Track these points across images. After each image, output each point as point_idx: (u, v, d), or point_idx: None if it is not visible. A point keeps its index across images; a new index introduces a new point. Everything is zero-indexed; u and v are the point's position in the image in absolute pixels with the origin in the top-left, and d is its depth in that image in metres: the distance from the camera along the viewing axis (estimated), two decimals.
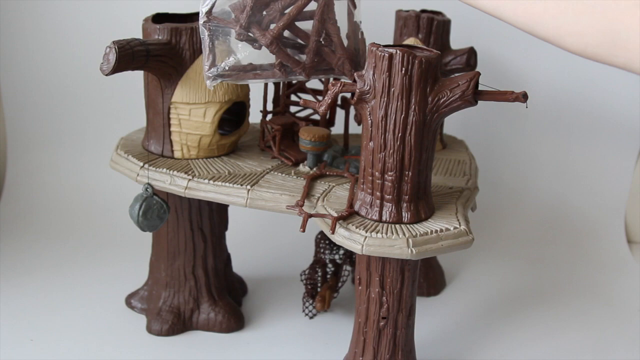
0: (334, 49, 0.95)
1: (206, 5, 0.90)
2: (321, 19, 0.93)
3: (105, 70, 0.93)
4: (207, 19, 0.90)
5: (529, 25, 0.79)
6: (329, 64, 0.95)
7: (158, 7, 1.14)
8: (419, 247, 0.87)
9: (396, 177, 0.88)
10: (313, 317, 1.22)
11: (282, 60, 0.92)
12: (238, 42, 0.92)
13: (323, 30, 0.94)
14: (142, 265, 1.27)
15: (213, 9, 0.90)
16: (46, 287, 1.28)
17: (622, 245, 1.56)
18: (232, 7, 0.91)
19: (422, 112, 0.86)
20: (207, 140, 1.06)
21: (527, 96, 0.84)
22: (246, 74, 0.93)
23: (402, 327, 0.96)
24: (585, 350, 1.17)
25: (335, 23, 0.95)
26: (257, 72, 0.93)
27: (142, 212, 1.03)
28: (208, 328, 1.16)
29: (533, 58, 1.56)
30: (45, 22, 1.57)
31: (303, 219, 0.91)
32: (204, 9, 0.90)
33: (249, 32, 0.90)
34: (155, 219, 1.05)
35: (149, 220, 1.04)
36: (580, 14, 0.75)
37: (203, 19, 0.90)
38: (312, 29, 0.93)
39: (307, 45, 0.94)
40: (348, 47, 0.96)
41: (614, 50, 0.74)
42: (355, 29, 0.99)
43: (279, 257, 1.45)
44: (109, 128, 1.58)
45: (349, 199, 0.95)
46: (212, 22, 0.90)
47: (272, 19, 0.92)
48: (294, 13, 0.91)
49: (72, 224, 1.52)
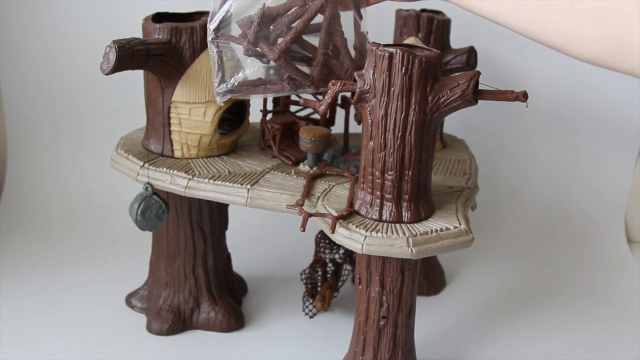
0: (342, 61, 0.96)
1: (214, 22, 0.91)
2: (328, 32, 0.93)
3: (106, 69, 0.93)
4: (214, 35, 0.90)
5: (533, 32, 0.79)
6: (337, 75, 0.95)
7: (158, 6, 1.14)
8: (419, 246, 0.87)
9: (396, 176, 0.88)
10: (313, 317, 1.22)
11: (291, 74, 0.93)
12: (246, 57, 0.92)
13: (330, 42, 0.94)
14: (142, 265, 1.27)
15: (221, 25, 0.91)
16: (46, 287, 1.28)
17: (622, 245, 1.56)
18: (240, 23, 0.92)
19: (422, 112, 0.86)
20: (207, 139, 1.06)
21: (527, 95, 0.84)
22: (256, 89, 0.93)
23: (402, 326, 0.96)
24: (585, 350, 1.17)
25: (342, 35, 0.95)
26: (267, 86, 0.94)
27: (141, 211, 1.03)
28: (208, 327, 1.16)
29: (533, 57, 1.56)
30: (45, 22, 1.57)
31: (303, 219, 0.91)
32: (212, 26, 0.91)
33: (257, 47, 0.91)
34: (154, 219, 1.05)
35: (147, 219, 1.04)
36: (584, 20, 0.74)
37: (211, 35, 0.91)
38: (319, 42, 0.94)
39: (315, 58, 0.94)
40: (355, 59, 0.97)
41: (619, 56, 0.73)
42: (362, 39, 0.99)
43: (279, 256, 1.45)
44: (109, 127, 1.58)
45: (349, 199, 0.95)
46: (220, 39, 0.91)
47: (279, 34, 0.93)
48: (300, 27, 0.91)
49: (72, 224, 1.52)
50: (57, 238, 1.46)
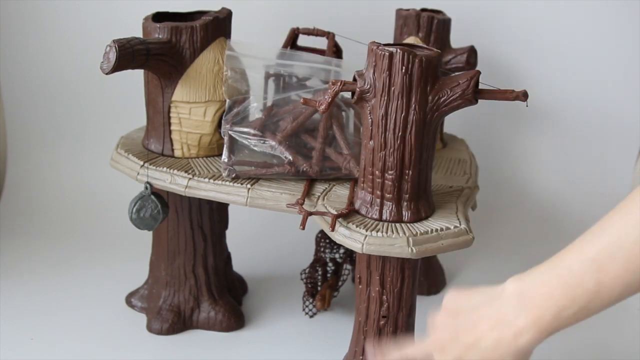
0: (340, 151, 1.01)
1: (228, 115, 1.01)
2: (326, 126, 1.00)
3: (106, 69, 0.93)
4: (228, 126, 1.00)
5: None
6: (336, 163, 1.01)
7: (158, 6, 1.14)
8: (419, 246, 0.87)
9: (396, 176, 0.88)
10: (313, 316, 1.22)
11: (291, 157, 1.00)
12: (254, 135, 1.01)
13: (328, 134, 1.01)
14: (142, 264, 1.27)
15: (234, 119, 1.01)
16: (46, 286, 1.28)
17: None
18: (249, 125, 1.01)
19: (423, 111, 0.86)
20: (208, 139, 1.06)
21: (527, 95, 0.84)
22: (259, 170, 1.00)
23: (403, 326, 0.96)
24: (585, 350, 1.17)
25: (340, 126, 1.02)
26: (270, 168, 1.01)
27: (136, 209, 1.04)
28: (208, 327, 1.16)
29: (533, 57, 1.56)
30: (45, 21, 1.57)
31: (303, 217, 0.91)
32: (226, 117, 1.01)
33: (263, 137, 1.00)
34: (149, 219, 1.05)
35: (142, 218, 1.05)
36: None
37: (225, 126, 1.00)
38: (317, 134, 1.00)
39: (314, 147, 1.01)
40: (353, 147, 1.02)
41: None
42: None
43: (279, 256, 1.45)
44: (109, 127, 1.58)
45: (349, 198, 0.95)
46: (232, 129, 1.00)
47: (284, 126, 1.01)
48: (301, 120, 1.01)
49: (72, 224, 1.52)
50: (57, 238, 1.46)
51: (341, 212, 0.91)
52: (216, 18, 1.04)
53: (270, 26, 1.54)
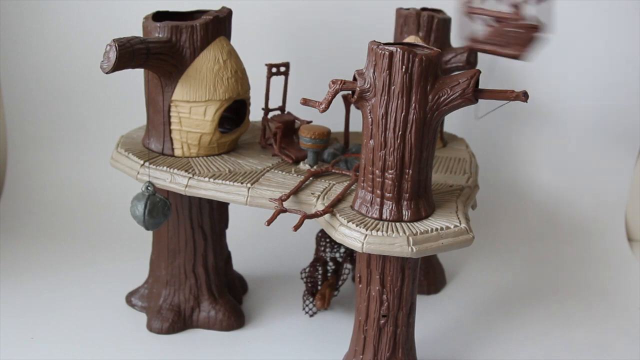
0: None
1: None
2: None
3: (106, 68, 0.93)
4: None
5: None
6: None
7: (158, 5, 1.14)
8: (419, 245, 0.87)
9: (396, 175, 0.88)
10: (313, 315, 1.22)
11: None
12: None
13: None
14: (142, 264, 1.27)
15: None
16: (46, 285, 1.28)
17: (622, 244, 1.56)
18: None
19: (423, 110, 0.86)
20: (208, 138, 1.06)
21: (528, 95, 0.84)
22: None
23: (403, 325, 0.96)
24: (585, 348, 1.17)
25: None
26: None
27: (148, 211, 0.99)
28: (208, 326, 1.16)
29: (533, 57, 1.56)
30: (45, 21, 1.57)
31: (273, 214, 0.92)
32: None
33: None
34: (160, 217, 1.03)
35: (155, 218, 1.01)
36: None
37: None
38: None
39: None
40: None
41: None
42: None
43: (280, 255, 1.45)
44: (109, 126, 1.58)
45: (337, 197, 0.95)
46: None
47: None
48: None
49: (72, 223, 1.52)
50: (57, 237, 1.46)
51: (317, 212, 0.91)
52: (216, 17, 1.04)
53: (271, 26, 1.54)
